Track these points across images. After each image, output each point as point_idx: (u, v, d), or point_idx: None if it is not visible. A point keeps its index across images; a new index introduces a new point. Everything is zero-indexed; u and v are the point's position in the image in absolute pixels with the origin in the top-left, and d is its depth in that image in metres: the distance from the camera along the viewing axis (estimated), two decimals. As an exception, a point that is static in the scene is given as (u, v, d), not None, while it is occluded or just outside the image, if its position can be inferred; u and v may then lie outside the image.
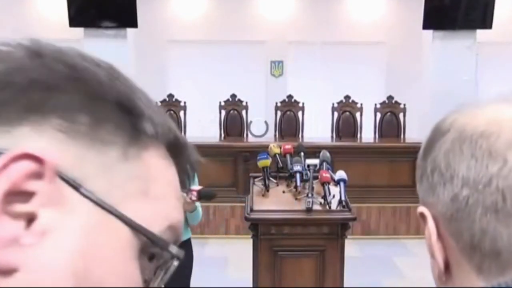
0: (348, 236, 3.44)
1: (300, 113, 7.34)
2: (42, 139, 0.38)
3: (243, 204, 4.38)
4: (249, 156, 5.89)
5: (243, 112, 7.30)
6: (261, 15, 8.93)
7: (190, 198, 2.87)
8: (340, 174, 3.32)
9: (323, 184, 3.28)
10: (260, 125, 7.52)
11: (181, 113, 7.14)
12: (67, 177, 0.38)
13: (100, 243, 0.38)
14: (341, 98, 7.39)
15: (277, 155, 3.77)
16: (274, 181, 3.65)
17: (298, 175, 3.39)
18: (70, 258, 0.37)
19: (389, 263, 5.50)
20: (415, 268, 5.10)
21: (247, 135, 7.29)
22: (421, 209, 0.64)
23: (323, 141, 6.60)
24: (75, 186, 0.38)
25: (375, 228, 6.25)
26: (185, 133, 6.91)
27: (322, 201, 3.25)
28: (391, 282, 4.98)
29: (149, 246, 0.41)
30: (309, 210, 3.16)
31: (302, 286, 3.26)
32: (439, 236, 0.62)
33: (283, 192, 3.52)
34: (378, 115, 7.28)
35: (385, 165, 6.24)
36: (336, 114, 7.32)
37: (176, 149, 0.45)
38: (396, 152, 6.30)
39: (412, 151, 5.29)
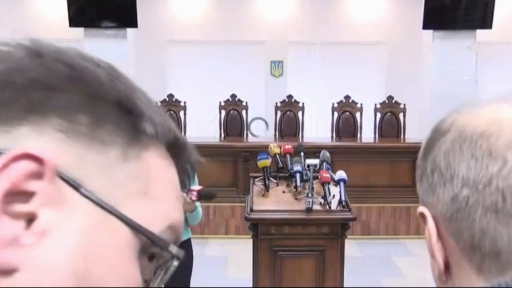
0: (348, 236, 3.44)
1: (300, 113, 7.34)
2: (42, 139, 0.38)
3: (243, 204, 4.38)
4: (249, 156, 5.89)
5: (243, 112, 7.30)
6: (261, 15, 8.93)
7: (190, 198, 2.87)
8: (340, 174, 3.32)
9: (323, 184, 3.28)
10: (260, 126, 7.53)
11: (181, 113, 7.15)
12: (67, 177, 0.38)
13: (100, 243, 0.38)
14: (341, 98, 7.39)
15: (277, 155, 3.77)
16: (274, 181, 3.65)
17: (298, 175, 3.39)
18: (70, 258, 0.37)
19: (389, 263, 5.50)
20: (415, 268, 5.11)
21: (247, 135, 7.30)
22: (421, 209, 0.64)
23: (323, 141, 6.60)
24: (75, 186, 0.38)
25: (375, 228, 6.25)
26: (185, 133, 6.91)
27: (322, 201, 3.25)
28: (391, 282, 4.98)
29: (149, 246, 0.41)
30: (309, 210, 3.16)
31: (302, 286, 3.26)
32: (439, 236, 0.62)
33: (283, 192, 3.52)
34: (378, 115, 7.28)
35: (385, 165, 6.24)
36: (336, 114, 7.32)
37: (176, 149, 0.45)
38: (396, 152, 6.30)
39: (412, 151, 5.30)
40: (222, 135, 7.18)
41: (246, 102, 7.32)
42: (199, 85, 8.84)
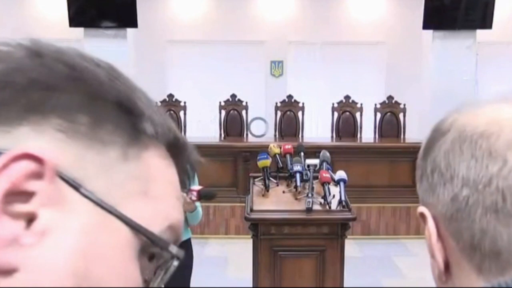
0: (348, 236, 3.44)
1: (300, 113, 7.34)
2: (42, 139, 0.38)
3: (243, 204, 4.38)
4: (249, 156, 5.89)
5: (243, 112, 7.30)
6: (261, 15, 8.93)
7: (190, 198, 2.87)
8: (340, 174, 3.32)
9: (323, 184, 3.28)
10: (260, 126, 7.53)
11: (181, 113, 7.15)
12: (67, 177, 0.38)
13: (100, 243, 0.38)
14: (341, 98, 7.39)
15: (277, 155, 3.77)
16: (274, 181, 3.65)
17: (298, 175, 3.39)
18: (70, 258, 0.37)
19: (389, 263, 5.50)
20: (415, 268, 5.11)
21: (247, 135, 7.30)
22: (421, 209, 0.64)
23: (323, 141, 6.60)
24: (75, 186, 0.38)
25: (375, 228, 6.25)
26: (185, 133, 6.91)
27: (322, 201, 3.25)
28: (391, 282, 4.98)
29: (149, 246, 0.41)
30: (309, 210, 3.16)
31: (302, 286, 3.26)
32: (439, 236, 0.62)
33: (283, 192, 3.52)
34: (378, 115, 7.28)
35: (385, 165, 6.24)
36: (336, 114, 7.32)
37: (176, 149, 0.45)
38: (396, 152, 6.30)
39: (412, 151, 5.30)
40: (222, 135, 7.18)
41: (246, 102, 7.32)
42: (199, 85, 8.84)
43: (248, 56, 9.05)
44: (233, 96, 7.37)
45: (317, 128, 8.44)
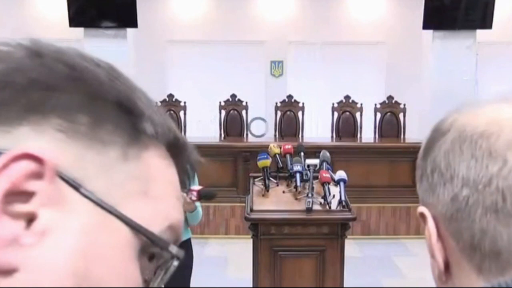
0: (348, 236, 3.44)
1: (300, 113, 7.34)
2: (42, 139, 0.38)
3: (243, 204, 4.38)
4: (249, 156, 5.89)
5: (243, 112, 7.30)
6: (261, 15, 8.93)
7: (190, 198, 2.87)
8: (340, 174, 3.32)
9: (323, 184, 3.28)
10: (260, 126, 7.53)
11: (181, 113, 7.15)
12: (67, 177, 0.38)
13: (100, 243, 0.38)
14: (341, 98, 7.39)
15: (277, 155, 3.77)
16: (274, 181, 3.65)
17: (298, 175, 3.39)
18: (70, 258, 0.37)
19: (389, 263, 5.50)
20: (415, 268, 5.11)
21: (247, 135, 7.30)
22: (421, 209, 0.64)
23: (323, 141, 6.60)
24: (75, 186, 0.38)
25: (375, 228, 6.25)
26: (185, 133, 6.91)
27: (322, 201, 3.25)
28: (391, 282, 4.98)
29: (149, 246, 0.41)
30: (309, 210, 3.16)
31: (302, 286, 3.26)
32: (439, 236, 0.62)
33: (283, 192, 3.52)
34: (378, 115, 7.28)
35: (385, 165, 6.24)
36: (336, 114, 7.32)
37: (176, 149, 0.45)
38: (396, 152, 6.30)
39: (412, 151, 5.30)
40: (222, 135, 7.18)
41: (246, 102, 7.32)
42: (199, 85, 8.84)
43: (248, 56, 9.04)
44: (233, 96, 7.37)
45: (317, 128, 8.44)
